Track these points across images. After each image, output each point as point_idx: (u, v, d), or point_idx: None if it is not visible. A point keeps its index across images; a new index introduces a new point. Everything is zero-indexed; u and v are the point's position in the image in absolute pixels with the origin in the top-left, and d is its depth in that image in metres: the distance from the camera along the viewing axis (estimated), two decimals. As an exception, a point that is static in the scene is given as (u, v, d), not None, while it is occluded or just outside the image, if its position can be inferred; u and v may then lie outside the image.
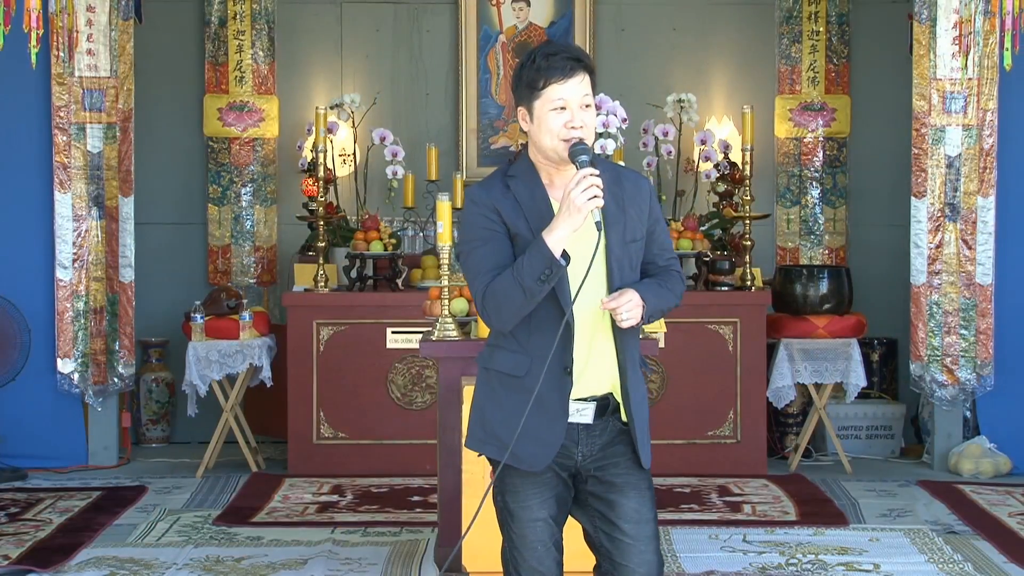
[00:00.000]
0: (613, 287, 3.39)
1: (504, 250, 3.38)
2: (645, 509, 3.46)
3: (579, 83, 3.37)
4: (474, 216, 3.41)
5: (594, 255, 3.28)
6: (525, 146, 3.54)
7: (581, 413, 3.42)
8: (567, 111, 3.36)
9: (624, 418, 3.46)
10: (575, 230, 3.26)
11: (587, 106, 3.39)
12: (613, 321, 3.39)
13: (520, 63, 3.45)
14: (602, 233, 3.28)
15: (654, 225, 3.52)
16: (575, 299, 3.32)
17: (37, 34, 6.22)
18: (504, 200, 3.40)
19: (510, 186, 3.42)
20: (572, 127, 3.35)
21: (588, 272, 3.27)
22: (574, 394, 3.40)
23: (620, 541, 3.45)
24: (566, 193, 3.26)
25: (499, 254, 3.37)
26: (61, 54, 7.49)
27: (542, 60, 3.38)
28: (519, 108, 3.45)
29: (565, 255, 3.27)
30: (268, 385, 7.59)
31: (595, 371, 3.42)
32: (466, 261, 3.43)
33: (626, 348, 3.44)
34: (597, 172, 3.27)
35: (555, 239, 3.25)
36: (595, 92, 3.45)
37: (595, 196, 3.24)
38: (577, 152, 3.31)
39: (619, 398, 3.45)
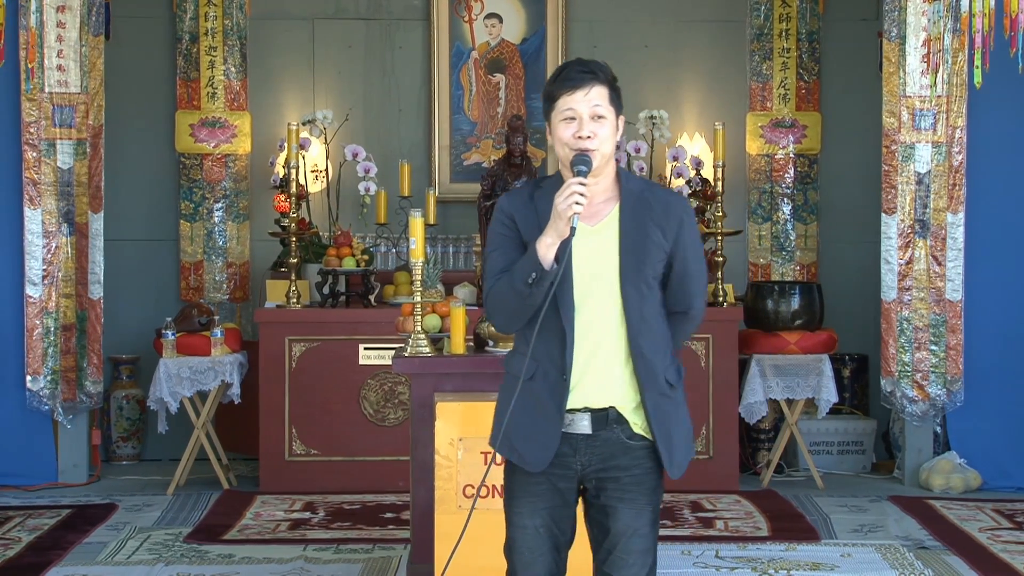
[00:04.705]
0: (628, 308, 3.42)
1: (512, 256, 3.47)
2: (639, 524, 3.48)
3: (588, 93, 3.42)
4: (494, 223, 3.57)
5: (564, 257, 3.33)
6: None
7: (577, 423, 3.45)
8: (576, 121, 3.42)
9: (635, 430, 3.46)
10: (561, 236, 3.33)
11: (599, 117, 3.43)
12: (629, 338, 3.42)
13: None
14: (573, 237, 3.33)
15: (676, 249, 3.49)
16: (561, 301, 3.40)
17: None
18: (523, 209, 3.50)
19: (534, 196, 3.51)
20: (579, 136, 3.41)
21: (559, 273, 3.34)
22: (571, 403, 3.44)
23: (611, 552, 3.49)
24: (555, 201, 3.34)
25: (507, 259, 3.48)
26: (33, 68, 7.46)
27: (557, 73, 3.48)
28: (546, 123, 3.53)
29: (560, 260, 3.33)
30: (236, 403, 7.56)
31: (593, 383, 3.44)
32: (483, 266, 3.55)
33: (644, 364, 3.44)
34: (585, 182, 3.34)
35: (543, 244, 3.34)
36: (620, 106, 3.48)
37: (576, 203, 3.30)
38: (576, 162, 3.39)
39: (624, 412, 3.45)
